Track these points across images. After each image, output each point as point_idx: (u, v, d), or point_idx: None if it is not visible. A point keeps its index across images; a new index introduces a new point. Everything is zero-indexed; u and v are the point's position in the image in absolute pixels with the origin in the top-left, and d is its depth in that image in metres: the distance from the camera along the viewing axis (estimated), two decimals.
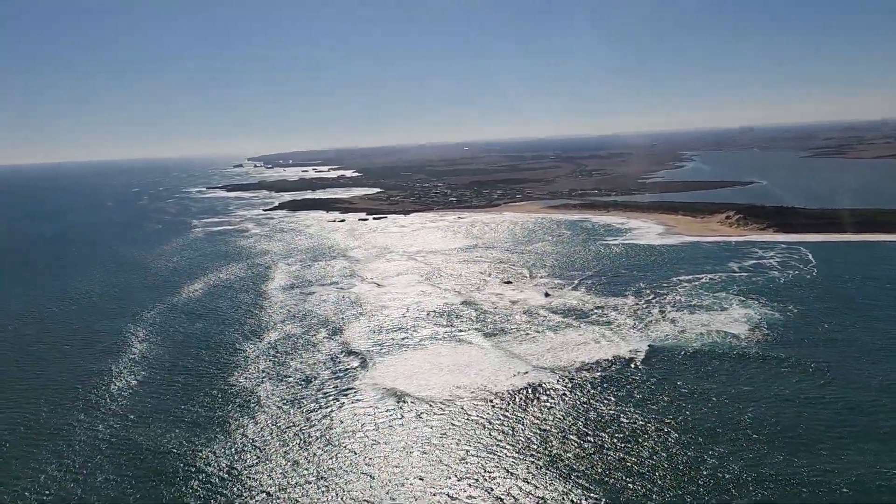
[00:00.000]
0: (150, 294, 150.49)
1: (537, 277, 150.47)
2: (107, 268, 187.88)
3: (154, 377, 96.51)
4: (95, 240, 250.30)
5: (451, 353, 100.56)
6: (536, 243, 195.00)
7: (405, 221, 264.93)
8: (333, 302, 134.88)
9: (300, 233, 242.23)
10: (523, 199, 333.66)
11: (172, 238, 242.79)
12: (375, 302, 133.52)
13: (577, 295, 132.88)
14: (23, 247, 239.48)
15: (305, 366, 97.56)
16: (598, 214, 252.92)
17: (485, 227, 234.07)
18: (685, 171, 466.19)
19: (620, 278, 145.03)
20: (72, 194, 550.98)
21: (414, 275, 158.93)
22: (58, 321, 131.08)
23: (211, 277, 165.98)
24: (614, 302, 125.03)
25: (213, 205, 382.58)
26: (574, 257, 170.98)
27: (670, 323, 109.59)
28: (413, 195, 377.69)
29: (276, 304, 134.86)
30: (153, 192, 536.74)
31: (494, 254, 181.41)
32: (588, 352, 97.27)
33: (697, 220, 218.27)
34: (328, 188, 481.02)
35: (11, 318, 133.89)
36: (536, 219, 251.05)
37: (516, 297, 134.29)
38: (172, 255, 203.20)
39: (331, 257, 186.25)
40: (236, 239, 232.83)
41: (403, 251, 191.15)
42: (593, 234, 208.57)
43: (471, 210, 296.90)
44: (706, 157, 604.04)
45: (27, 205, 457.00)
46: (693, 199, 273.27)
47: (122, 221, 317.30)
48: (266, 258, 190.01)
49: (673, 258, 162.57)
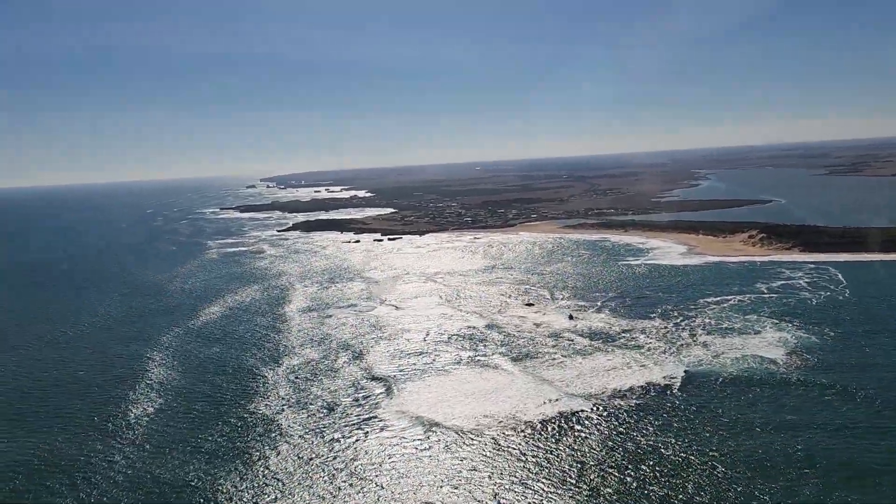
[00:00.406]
0: (166, 317, 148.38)
1: (559, 299, 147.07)
2: (122, 290, 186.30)
3: (171, 404, 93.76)
4: (110, 261, 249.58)
5: (477, 379, 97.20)
6: (556, 264, 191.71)
7: (421, 242, 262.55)
8: (353, 325, 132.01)
9: (315, 254, 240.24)
10: (538, 218, 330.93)
11: (187, 259, 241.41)
12: (396, 325, 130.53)
13: (602, 317, 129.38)
14: (37, 268, 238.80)
15: (327, 392, 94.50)
16: (616, 234, 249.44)
17: (502, 247, 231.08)
18: (700, 189, 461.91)
19: (645, 300, 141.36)
20: (86, 216, 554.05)
21: (433, 297, 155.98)
22: (73, 345, 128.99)
23: (227, 300, 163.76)
24: (641, 325, 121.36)
25: (227, 226, 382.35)
26: (595, 278, 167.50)
27: (702, 347, 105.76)
28: (427, 215, 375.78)
29: (295, 328, 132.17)
30: (167, 213, 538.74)
31: (514, 275, 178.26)
32: (620, 378, 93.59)
33: (719, 240, 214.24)
34: (341, 208, 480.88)
35: (26, 342, 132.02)
36: (554, 239, 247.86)
37: (539, 319, 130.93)
38: (188, 277, 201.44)
39: (348, 279, 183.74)
40: (251, 260, 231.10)
41: (421, 272, 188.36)
42: (613, 254, 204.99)
43: (486, 230, 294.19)
44: (720, 176, 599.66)
45: (41, 226, 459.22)
46: (712, 218, 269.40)
47: (136, 242, 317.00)
48: (282, 280, 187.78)
49: (698, 279, 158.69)
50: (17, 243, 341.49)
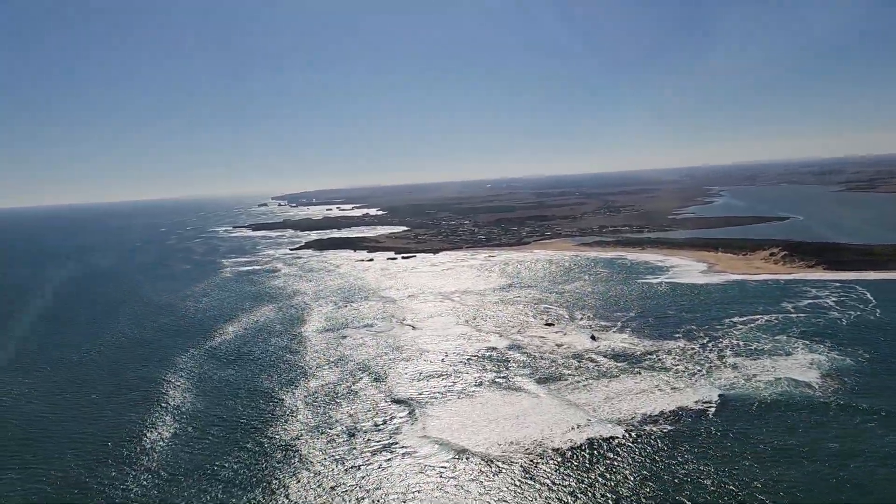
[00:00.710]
0: (181, 337, 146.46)
1: (579, 319, 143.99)
2: (136, 309, 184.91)
3: (187, 429, 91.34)
4: (124, 280, 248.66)
5: (502, 403, 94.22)
6: (573, 282, 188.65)
7: (435, 260, 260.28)
8: (371, 345, 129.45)
9: (330, 272, 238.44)
10: (552, 236, 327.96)
11: (202, 278, 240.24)
12: (415, 345, 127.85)
13: (625, 338, 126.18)
14: (51, 288, 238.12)
15: (347, 416, 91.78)
16: (633, 252, 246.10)
17: (518, 265, 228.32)
18: (716, 206, 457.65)
19: (668, 320, 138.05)
20: (99, 235, 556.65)
21: (451, 316, 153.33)
22: (86, 367, 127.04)
23: (242, 320, 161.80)
24: (666, 346, 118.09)
25: (241, 244, 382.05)
26: (615, 297, 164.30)
27: (732, 369, 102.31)
28: (440, 233, 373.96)
29: (312, 349, 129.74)
30: (180, 231, 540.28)
31: (531, 294, 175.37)
32: (650, 402, 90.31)
33: (739, 258, 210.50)
34: (354, 227, 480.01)
35: (39, 364, 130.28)
36: (570, 256, 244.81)
37: (560, 340, 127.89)
38: (202, 297, 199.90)
39: (364, 298, 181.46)
40: (266, 279, 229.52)
41: (437, 291, 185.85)
42: (632, 272, 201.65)
43: (500, 248, 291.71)
44: (734, 193, 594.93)
45: (55, 246, 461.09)
46: (730, 236, 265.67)
47: (150, 261, 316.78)
48: (298, 299, 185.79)
49: (721, 298, 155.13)
50: (31, 263, 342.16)
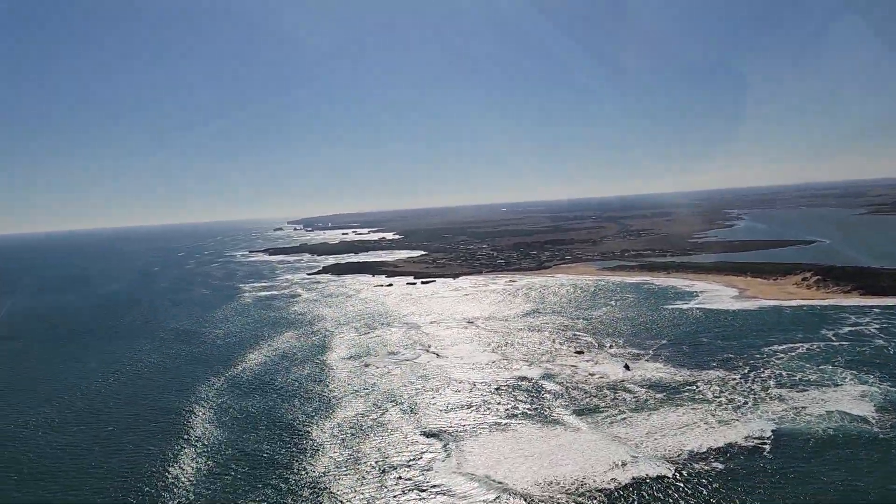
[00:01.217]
0: (202, 365, 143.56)
1: (609, 346, 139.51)
2: (156, 336, 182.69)
3: (209, 464, 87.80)
4: (143, 305, 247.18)
5: (538, 436, 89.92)
6: (600, 308, 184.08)
7: (455, 285, 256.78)
8: (397, 374, 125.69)
9: (350, 297, 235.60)
10: (573, 260, 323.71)
11: (222, 304, 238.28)
12: (442, 374, 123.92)
13: (660, 367, 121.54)
14: (70, 314, 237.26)
15: (377, 451, 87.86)
16: (658, 276, 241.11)
17: (542, 290, 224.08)
18: (738, 230, 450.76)
19: (702, 348, 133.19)
20: (117, 259, 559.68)
21: (476, 343, 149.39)
22: (106, 396, 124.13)
23: (265, 347, 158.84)
24: (705, 376, 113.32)
25: (259, 269, 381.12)
26: (645, 324, 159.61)
27: (779, 402, 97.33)
28: (459, 258, 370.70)
29: (337, 378, 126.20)
30: (198, 255, 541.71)
31: (557, 320, 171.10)
32: (696, 437, 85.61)
33: (770, 283, 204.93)
34: (371, 251, 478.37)
35: (57, 393, 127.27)
36: (593, 281, 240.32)
37: (593, 369, 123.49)
38: (223, 323, 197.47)
39: (386, 324, 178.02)
40: (286, 304, 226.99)
41: (461, 317, 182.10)
42: (659, 297, 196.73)
43: (521, 272, 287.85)
44: (755, 216, 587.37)
45: (74, 271, 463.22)
46: (756, 260, 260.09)
47: (169, 286, 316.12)
48: (319, 325, 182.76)
49: (756, 325, 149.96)
50: (49, 288, 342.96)
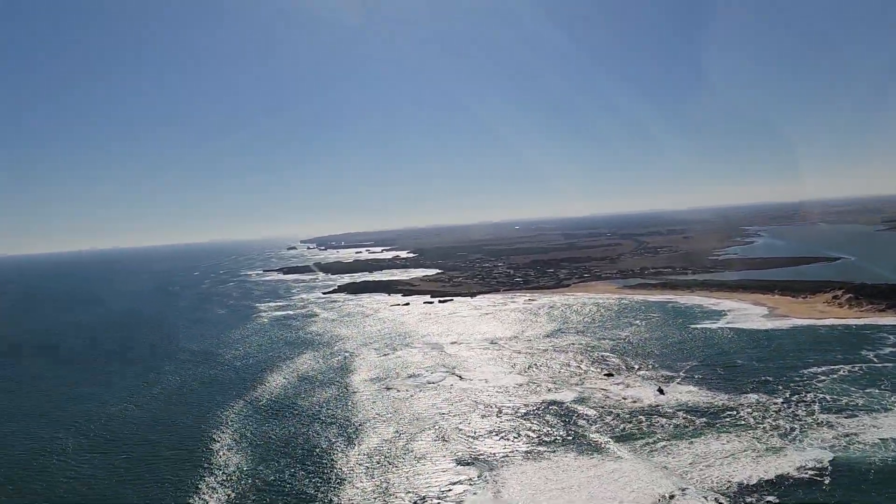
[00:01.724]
0: (222, 388, 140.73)
1: (639, 368, 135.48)
2: (174, 357, 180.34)
3: (232, 495, 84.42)
4: (161, 326, 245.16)
5: (575, 466, 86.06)
6: (625, 328, 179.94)
7: (473, 304, 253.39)
8: (423, 398, 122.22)
9: (368, 317, 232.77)
10: (592, 278, 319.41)
11: (239, 324, 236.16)
12: (469, 398, 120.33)
13: (694, 390, 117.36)
14: (87, 335, 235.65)
15: (408, 480, 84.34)
16: (682, 294, 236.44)
17: (564, 309, 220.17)
18: (757, 246, 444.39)
19: (737, 369, 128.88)
20: (133, 279, 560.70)
21: (501, 365, 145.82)
22: (122, 421, 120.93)
23: (284, 368, 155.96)
24: (744, 400, 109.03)
25: (275, 288, 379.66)
26: (674, 344, 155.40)
27: (828, 428, 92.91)
28: (475, 276, 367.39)
29: (361, 401, 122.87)
30: (214, 275, 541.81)
31: (582, 340, 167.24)
32: (744, 467, 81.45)
33: (799, 301, 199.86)
34: (385, 269, 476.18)
35: (73, 418, 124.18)
36: (615, 300, 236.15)
37: (625, 392, 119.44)
38: (241, 343, 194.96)
39: (406, 345, 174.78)
40: (304, 324, 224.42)
41: (482, 337, 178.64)
42: (686, 316, 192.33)
43: (540, 291, 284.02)
44: (773, 232, 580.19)
45: (89, 291, 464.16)
46: (780, 277, 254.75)
47: (186, 306, 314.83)
48: (338, 346, 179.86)
49: (791, 345, 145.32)
50: (67, 309, 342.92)
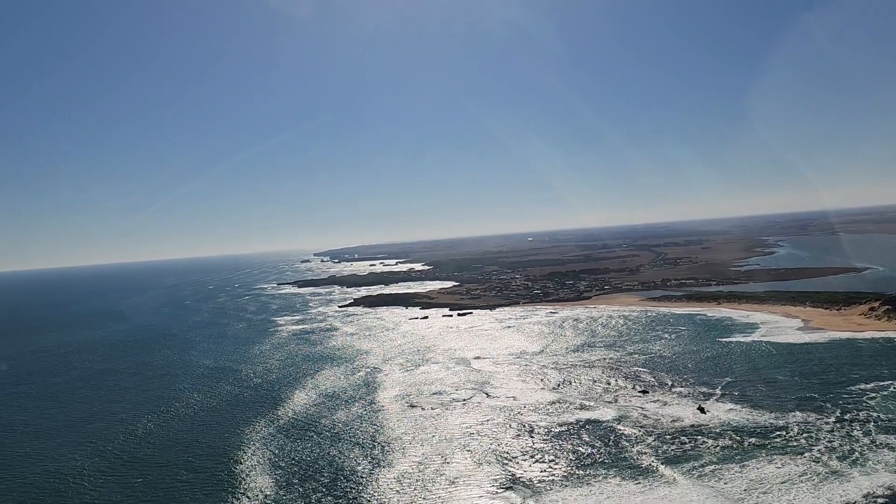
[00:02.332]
0: (244, 406, 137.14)
1: (674, 385, 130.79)
2: (193, 373, 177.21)
3: None
4: (179, 341, 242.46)
5: (624, 491, 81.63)
6: (654, 342, 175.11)
7: (493, 317, 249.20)
8: (453, 417, 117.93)
9: (389, 331, 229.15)
10: (612, 290, 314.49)
11: (258, 339, 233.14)
12: (501, 416, 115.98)
13: (736, 408, 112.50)
14: (104, 351, 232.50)
15: None
16: (708, 306, 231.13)
17: (590, 322, 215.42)
18: (779, 257, 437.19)
19: (778, 386, 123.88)
20: (149, 293, 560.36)
21: (529, 381, 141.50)
22: (141, 441, 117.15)
23: (308, 385, 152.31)
24: (791, 419, 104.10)
25: (291, 301, 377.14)
26: (708, 359, 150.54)
27: (889, 451, 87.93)
28: (493, 288, 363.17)
29: (389, 420, 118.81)
30: (229, 288, 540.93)
31: (610, 354, 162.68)
32: (806, 493, 76.70)
33: (833, 313, 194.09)
34: (401, 282, 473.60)
35: (90, 438, 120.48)
36: (640, 312, 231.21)
37: (662, 410, 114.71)
38: (264, 359, 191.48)
39: (430, 361, 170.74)
40: (324, 339, 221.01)
41: (507, 352, 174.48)
42: (716, 329, 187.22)
43: (561, 303, 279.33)
44: (794, 243, 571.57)
45: (106, 305, 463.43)
46: (809, 288, 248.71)
47: (203, 320, 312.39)
48: (361, 362, 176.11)
49: (832, 360, 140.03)
50: (84, 323, 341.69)
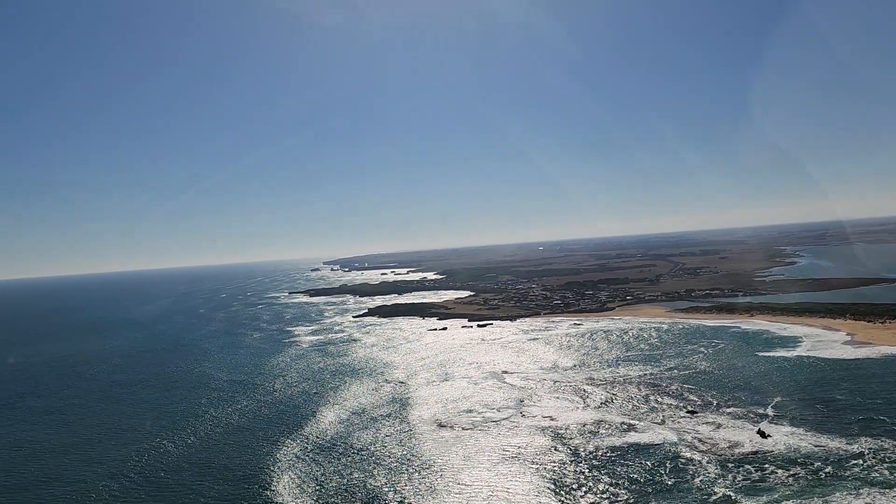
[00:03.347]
0: (269, 424, 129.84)
1: (721, 405, 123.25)
2: (212, 386, 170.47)
3: None
4: (196, 352, 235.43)
5: None
6: (691, 356, 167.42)
7: (515, 328, 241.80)
8: (489, 438, 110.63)
9: (409, 343, 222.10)
10: (634, 300, 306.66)
11: (277, 350, 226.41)
12: (542, 438, 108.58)
13: (798, 431, 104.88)
14: (120, 361, 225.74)
15: None
16: (741, 318, 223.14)
17: (618, 334, 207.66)
18: (802, 267, 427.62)
19: (838, 406, 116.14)
20: (162, 301, 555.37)
21: (566, 398, 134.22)
22: (161, 463, 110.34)
23: (334, 400, 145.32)
24: (864, 445, 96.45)
25: (306, 311, 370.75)
26: (754, 376, 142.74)
27: None
28: (510, 298, 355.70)
29: (425, 442, 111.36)
30: (241, 297, 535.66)
31: (646, 369, 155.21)
32: None
33: (879, 326, 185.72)
34: (415, 291, 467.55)
35: (107, 455, 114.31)
36: (669, 324, 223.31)
37: (718, 434, 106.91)
38: (283, 371, 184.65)
39: (458, 376, 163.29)
40: (345, 350, 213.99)
41: (536, 366, 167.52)
42: (754, 343, 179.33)
43: (583, 314, 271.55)
44: (815, 253, 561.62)
45: (119, 313, 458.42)
46: (842, 300, 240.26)
47: (218, 329, 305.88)
48: (385, 376, 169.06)
49: (891, 377, 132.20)
50: (98, 332, 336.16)
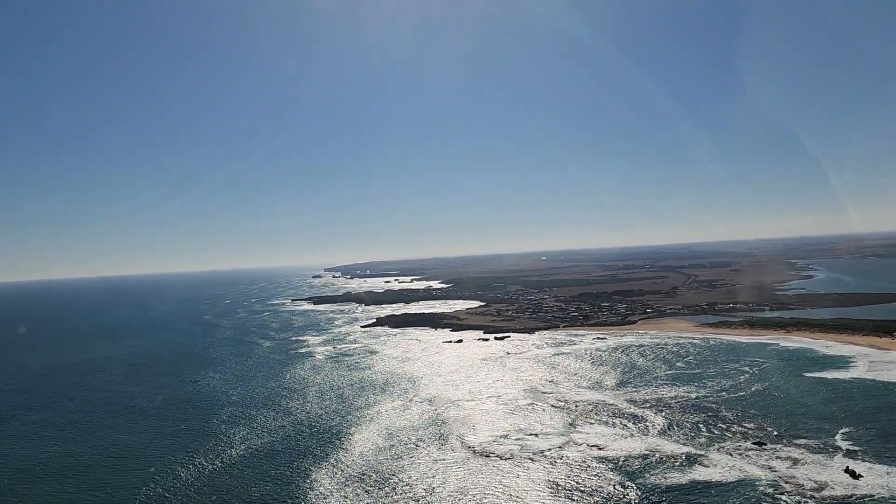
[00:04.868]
0: (296, 449, 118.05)
1: (785, 434, 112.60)
2: (227, 402, 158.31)
3: None
4: (206, 362, 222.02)
5: None
6: (734, 377, 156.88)
7: (536, 342, 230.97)
8: (538, 470, 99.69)
9: (428, 355, 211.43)
10: (655, 313, 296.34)
11: (291, 361, 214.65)
12: (603, 473, 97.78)
13: (891, 471, 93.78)
14: (123, 372, 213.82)
15: None
16: (777, 334, 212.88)
17: (653, 350, 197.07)
18: (821, 281, 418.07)
19: None
20: (165, 306, 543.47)
21: (613, 424, 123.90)
22: (173, 496, 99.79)
23: (359, 420, 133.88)
24: None
25: (313, 319, 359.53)
26: (814, 401, 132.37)
27: None
28: (524, 309, 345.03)
29: (468, 474, 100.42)
30: (245, 303, 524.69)
31: (692, 392, 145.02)
32: None
33: None
34: (422, 300, 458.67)
35: (111, 486, 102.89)
36: (701, 340, 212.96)
37: (797, 472, 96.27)
38: (305, 387, 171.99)
39: (487, 395, 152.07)
40: (362, 364, 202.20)
41: (570, 384, 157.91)
42: (800, 362, 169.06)
43: (605, 327, 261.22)
44: (829, 266, 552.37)
45: (123, 319, 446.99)
46: (879, 316, 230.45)
47: (226, 338, 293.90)
48: (410, 392, 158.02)
49: None
50: (103, 338, 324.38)
